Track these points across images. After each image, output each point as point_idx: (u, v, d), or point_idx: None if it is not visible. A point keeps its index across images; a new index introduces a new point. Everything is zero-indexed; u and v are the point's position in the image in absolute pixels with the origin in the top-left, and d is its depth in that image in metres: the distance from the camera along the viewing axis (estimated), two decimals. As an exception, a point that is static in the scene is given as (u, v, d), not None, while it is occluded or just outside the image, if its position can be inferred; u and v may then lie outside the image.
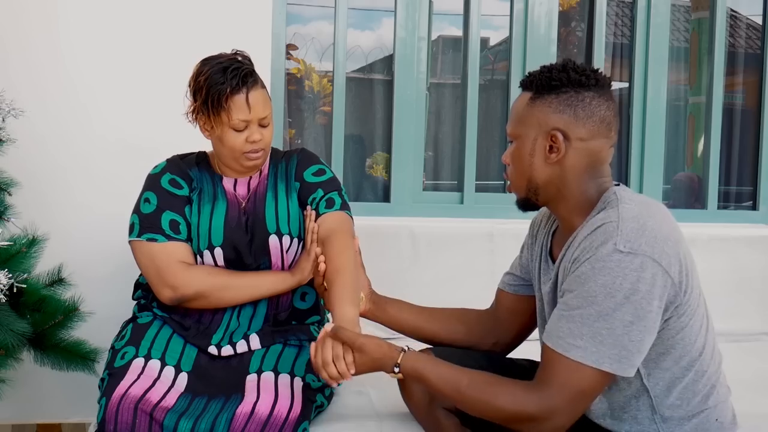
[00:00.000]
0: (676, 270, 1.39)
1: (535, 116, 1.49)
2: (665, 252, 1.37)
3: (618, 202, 1.43)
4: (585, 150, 1.48)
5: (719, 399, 1.52)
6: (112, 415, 1.60)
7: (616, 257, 1.35)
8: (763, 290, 2.78)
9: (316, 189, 1.90)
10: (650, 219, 1.40)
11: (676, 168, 3.35)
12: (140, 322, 1.88)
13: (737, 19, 3.33)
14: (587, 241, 1.41)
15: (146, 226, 1.82)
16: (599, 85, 1.49)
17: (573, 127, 1.47)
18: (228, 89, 1.75)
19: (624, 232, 1.36)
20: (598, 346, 1.36)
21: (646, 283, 1.35)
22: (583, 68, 1.50)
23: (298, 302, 1.95)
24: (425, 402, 1.69)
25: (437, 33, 3.13)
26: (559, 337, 1.40)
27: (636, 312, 1.35)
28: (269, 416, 1.63)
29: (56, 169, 2.47)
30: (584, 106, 1.47)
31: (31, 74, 2.44)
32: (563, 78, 1.47)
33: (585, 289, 1.37)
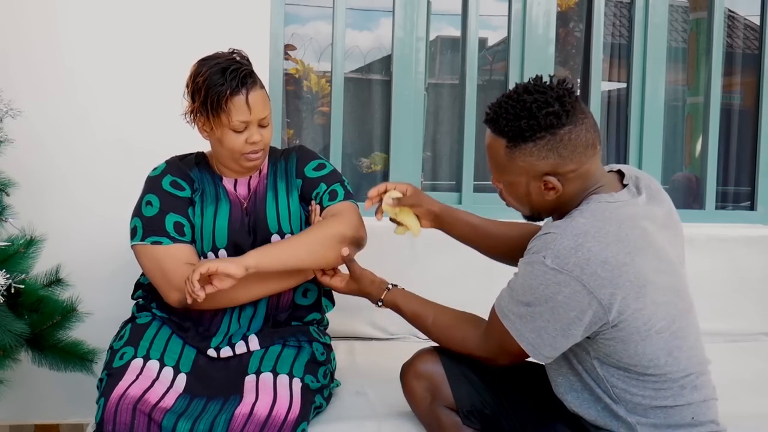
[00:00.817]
0: (607, 293, 1.39)
1: (518, 165, 1.47)
2: (596, 274, 1.38)
3: (578, 214, 1.45)
4: (579, 175, 1.48)
5: (694, 399, 1.50)
6: (110, 415, 1.60)
7: (541, 268, 1.42)
8: (761, 290, 2.78)
9: (318, 183, 1.90)
10: (592, 240, 1.39)
11: (674, 168, 3.35)
12: (139, 322, 1.87)
13: (735, 20, 3.34)
14: (534, 241, 1.48)
15: (150, 229, 1.81)
16: (570, 113, 1.43)
17: (562, 166, 1.45)
18: (228, 91, 1.73)
19: (556, 248, 1.40)
20: (523, 324, 1.48)
21: (565, 296, 1.41)
22: (547, 102, 1.42)
23: (300, 299, 1.95)
24: (427, 401, 1.71)
25: (435, 33, 3.13)
26: (501, 303, 1.53)
27: (552, 315, 1.44)
28: (268, 417, 1.63)
29: (54, 170, 2.47)
30: (565, 144, 1.43)
31: (31, 74, 2.44)
32: (534, 125, 1.42)
33: (518, 282, 1.49)
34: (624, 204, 1.48)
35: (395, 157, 2.87)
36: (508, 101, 1.46)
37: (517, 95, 1.45)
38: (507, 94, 1.48)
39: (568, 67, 3.24)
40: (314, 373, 1.81)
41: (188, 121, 1.85)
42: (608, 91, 3.22)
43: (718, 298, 2.68)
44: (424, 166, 2.99)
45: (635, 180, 1.56)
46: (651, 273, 1.43)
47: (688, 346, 1.50)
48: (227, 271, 1.62)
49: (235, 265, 1.64)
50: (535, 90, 1.44)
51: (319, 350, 1.89)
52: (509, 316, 1.50)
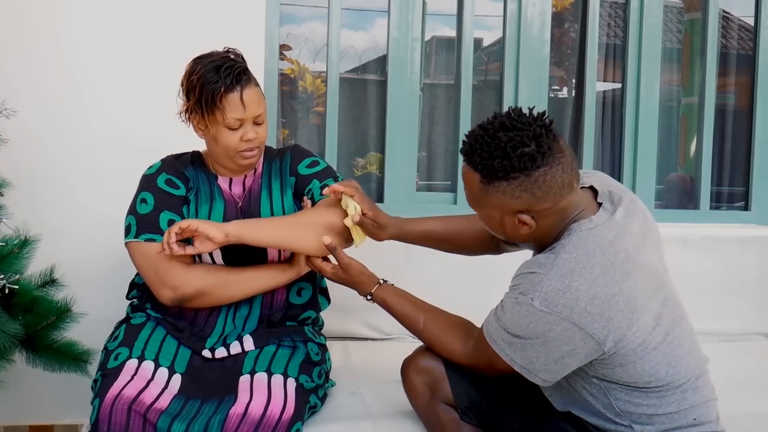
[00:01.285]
0: (600, 327, 1.39)
1: (492, 201, 1.44)
2: (586, 311, 1.38)
3: (561, 249, 1.43)
4: (554, 211, 1.45)
5: (696, 401, 1.51)
6: (105, 416, 1.60)
7: (530, 309, 1.41)
8: (755, 290, 2.79)
9: (311, 180, 1.90)
10: (579, 278, 1.38)
11: (668, 168, 3.36)
12: (134, 322, 1.87)
13: (729, 20, 3.34)
14: (519, 279, 1.46)
15: (144, 226, 1.80)
16: (546, 155, 1.38)
17: (536, 205, 1.42)
18: (222, 88, 1.73)
19: (543, 291, 1.39)
20: (513, 351, 1.48)
21: (556, 333, 1.41)
22: (523, 141, 1.37)
23: (294, 297, 1.95)
24: (426, 396, 1.71)
25: (431, 33, 3.13)
26: (489, 329, 1.52)
27: (544, 348, 1.44)
28: (262, 417, 1.63)
29: (49, 170, 2.46)
30: (539, 185, 1.39)
31: (28, 74, 2.44)
32: (507, 166, 1.38)
33: (506, 318, 1.47)
34: (603, 227, 1.45)
35: (390, 158, 2.87)
36: (484, 137, 1.41)
37: (493, 131, 1.40)
38: (484, 125, 1.43)
39: (563, 67, 3.24)
40: (309, 373, 1.81)
41: (183, 120, 1.84)
42: (603, 92, 3.22)
43: (712, 298, 2.69)
44: (419, 166, 2.99)
45: (608, 195, 1.53)
46: (640, 295, 1.42)
47: (686, 351, 1.50)
48: (207, 232, 1.64)
49: (215, 229, 1.65)
50: (512, 126, 1.39)
51: (314, 350, 1.89)
52: (498, 342, 1.50)
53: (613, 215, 1.48)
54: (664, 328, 1.46)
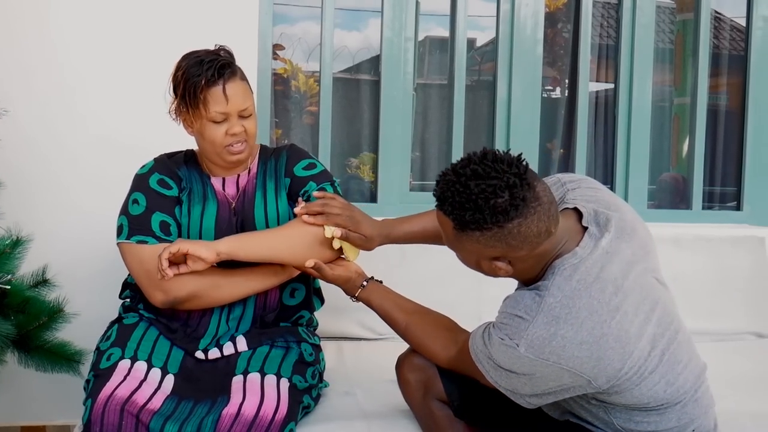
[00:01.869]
0: (589, 367, 1.37)
1: (467, 247, 1.40)
2: (575, 357, 1.36)
3: (545, 292, 1.39)
4: (531, 257, 1.40)
5: (696, 414, 1.50)
6: (97, 416, 1.59)
7: (515, 353, 1.39)
8: (747, 290, 2.80)
9: (307, 182, 1.88)
10: (565, 325, 1.36)
11: (661, 168, 3.37)
12: (126, 322, 1.86)
13: (721, 21, 3.36)
14: (504, 319, 1.43)
15: (135, 228, 1.79)
16: (519, 207, 1.32)
17: (511, 253, 1.38)
18: (203, 81, 1.72)
19: (530, 338, 1.37)
20: (498, 377, 1.46)
21: (543, 374, 1.39)
22: (495, 192, 1.31)
23: (287, 299, 1.94)
24: (420, 393, 1.71)
25: (424, 33, 3.13)
26: (475, 349, 1.49)
27: (531, 382, 1.42)
28: (255, 417, 1.63)
29: (41, 169, 2.46)
30: (514, 236, 1.34)
31: (20, 73, 2.43)
32: (479, 219, 1.32)
33: (492, 351, 1.44)
34: (588, 260, 1.41)
35: (383, 157, 2.87)
36: (456, 185, 1.34)
37: (465, 179, 1.33)
38: (456, 170, 1.36)
39: (556, 67, 3.25)
40: (302, 373, 1.81)
41: (174, 118, 1.84)
42: (596, 92, 3.23)
43: (704, 298, 2.70)
44: (413, 166, 3.00)
45: (594, 217, 1.47)
46: (632, 325, 1.40)
47: (683, 366, 1.48)
48: (198, 254, 1.63)
49: (206, 249, 1.65)
50: (485, 174, 1.32)
51: (308, 351, 1.88)
52: (483, 364, 1.48)
53: (599, 241, 1.43)
54: (660, 349, 1.44)
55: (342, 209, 1.76)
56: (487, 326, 1.49)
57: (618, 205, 1.53)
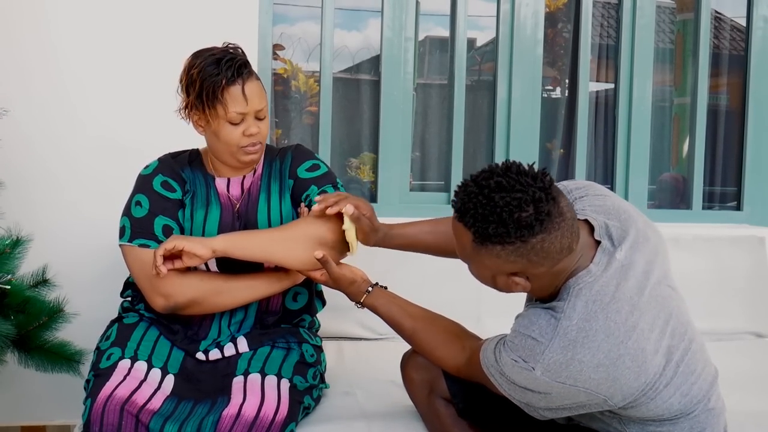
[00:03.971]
0: (605, 388, 1.36)
1: (484, 262, 1.36)
2: (591, 379, 1.34)
3: (561, 315, 1.36)
4: (550, 273, 1.37)
5: (709, 422, 1.49)
6: (97, 416, 1.59)
7: (531, 375, 1.37)
8: (747, 290, 2.80)
9: (309, 185, 1.85)
10: (582, 349, 1.34)
11: (661, 169, 3.37)
12: (126, 322, 1.86)
13: (722, 21, 3.36)
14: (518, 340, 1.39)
15: (138, 231, 1.78)
16: (544, 222, 1.29)
17: (531, 269, 1.35)
18: (224, 81, 1.69)
19: (545, 362, 1.35)
20: (512, 391, 1.44)
21: (558, 393, 1.38)
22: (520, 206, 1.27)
23: (290, 303, 1.93)
24: (425, 392, 1.72)
25: (424, 33, 3.13)
26: (487, 360, 1.47)
27: (546, 399, 1.41)
28: (255, 418, 1.62)
29: (42, 169, 2.46)
30: (537, 251, 1.31)
31: (19, 74, 2.43)
32: (503, 233, 1.29)
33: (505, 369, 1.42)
34: (603, 278, 1.38)
35: (384, 157, 2.87)
36: (478, 196, 1.30)
37: (489, 191, 1.30)
38: (478, 181, 1.32)
39: (556, 67, 3.25)
40: (303, 374, 1.81)
41: (183, 117, 1.80)
42: (596, 92, 3.23)
43: (704, 298, 2.70)
44: (413, 166, 3.00)
45: (606, 230, 1.44)
46: (648, 342, 1.38)
47: (697, 375, 1.46)
48: (193, 251, 1.62)
49: (201, 246, 1.63)
50: (510, 187, 1.29)
51: (309, 352, 1.88)
52: (495, 377, 1.45)
53: (613, 255, 1.40)
54: (675, 361, 1.42)
55: (356, 198, 1.72)
56: (498, 342, 1.45)
57: (629, 212, 1.50)
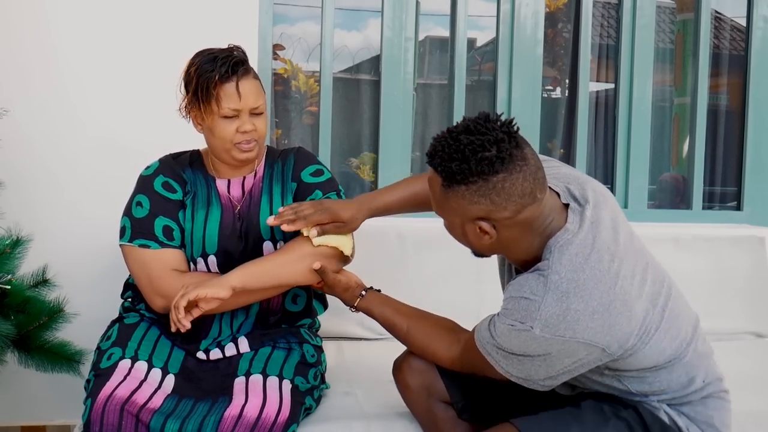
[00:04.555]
0: (602, 336, 1.39)
1: (451, 206, 1.41)
2: (589, 328, 1.37)
3: (548, 271, 1.40)
4: (516, 223, 1.40)
5: (700, 364, 1.55)
6: (97, 416, 1.59)
7: (530, 335, 1.39)
8: (747, 290, 2.80)
9: (314, 190, 1.86)
10: (575, 299, 1.37)
11: (661, 168, 3.37)
12: (127, 322, 1.86)
13: (722, 21, 3.36)
14: (511, 304, 1.43)
15: (138, 231, 1.79)
16: (505, 160, 1.34)
17: (495, 213, 1.38)
18: (217, 77, 1.72)
19: (543, 318, 1.38)
20: (510, 365, 1.47)
21: (558, 350, 1.40)
22: (483, 145, 1.34)
23: (290, 305, 1.94)
24: (423, 396, 1.71)
25: (424, 33, 3.14)
26: (482, 342, 1.50)
27: (545, 363, 1.43)
28: (257, 419, 1.62)
29: (42, 169, 2.46)
30: (498, 191, 1.35)
31: (19, 74, 2.43)
32: (465, 170, 1.34)
33: (503, 339, 1.44)
34: (580, 233, 1.43)
35: (384, 157, 2.87)
36: (446, 140, 1.38)
37: (456, 134, 1.37)
38: (450, 128, 1.40)
39: (556, 67, 3.25)
40: (304, 374, 1.81)
41: (183, 116, 1.82)
42: (596, 92, 3.23)
43: (704, 298, 2.69)
44: (413, 166, 3.00)
45: (569, 193, 1.50)
46: (633, 287, 1.43)
47: (682, 318, 1.52)
48: (216, 296, 1.64)
49: (222, 289, 1.65)
50: (475, 130, 1.36)
51: (310, 352, 1.88)
52: (492, 355, 1.48)
53: (583, 214, 1.45)
54: (660, 306, 1.47)
55: (313, 207, 1.75)
56: (492, 318, 1.49)
57: (582, 177, 1.57)
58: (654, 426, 1.51)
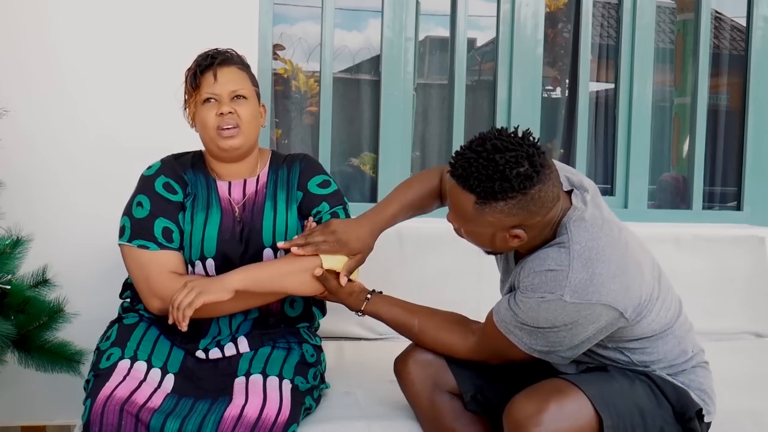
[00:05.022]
0: (621, 297, 1.48)
1: (486, 220, 1.46)
2: (612, 290, 1.47)
3: (569, 242, 1.49)
4: (543, 223, 1.50)
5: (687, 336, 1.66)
6: (97, 416, 1.59)
7: (560, 304, 1.48)
8: (747, 290, 2.80)
9: (320, 202, 1.87)
10: (598, 263, 1.47)
11: (661, 169, 3.37)
12: (126, 322, 1.86)
13: (722, 21, 3.36)
14: (537, 278, 1.51)
15: (138, 231, 1.79)
16: (540, 173, 1.43)
17: (529, 219, 1.46)
18: (196, 67, 1.80)
19: (572, 284, 1.46)
20: (533, 339, 1.55)
21: (584, 317, 1.49)
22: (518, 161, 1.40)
23: (288, 309, 1.94)
24: (428, 389, 1.73)
25: (424, 33, 3.14)
26: (503, 320, 1.57)
27: (570, 332, 1.51)
28: (258, 419, 1.62)
29: (41, 169, 2.46)
30: (534, 201, 1.44)
31: (20, 73, 2.43)
32: (507, 187, 1.41)
33: (529, 314, 1.52)
34: (587, 209, 1.54)
35: (384, 158, 2.87)
36: (479, 160, 1.42)
37: (486, 154, 1.42)
38: (474, 148, 1.44)
39: (556, 67, 3.25)
40: (304, 374, 1.81)
41: (188, 119, 1.87)
42: (596, 92, 3.23)
43: (704, 298, 2.70)
44: (413, 166, 2.99)
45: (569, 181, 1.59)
46: (638, 256, 1.56)
47: (671, 292, 1.64)
48: (219, 299, 1.65)
49: (223, 291, 1.66)
50: (505, 148, 1.42)
51: (309, 352, 1.88)
52: (515, 332, 1.56)
53: (585, 196, 1.56)
54: (657, 276, 1.60)
55: (324, 235, 1.74)
56: (510, 299, 1.56)
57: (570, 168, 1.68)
58: (666, 387, 1.59)
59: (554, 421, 1.46)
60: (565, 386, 1.52)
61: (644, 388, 1.57)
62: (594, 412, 1.48)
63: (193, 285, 1.66)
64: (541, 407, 1.47)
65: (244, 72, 1.84)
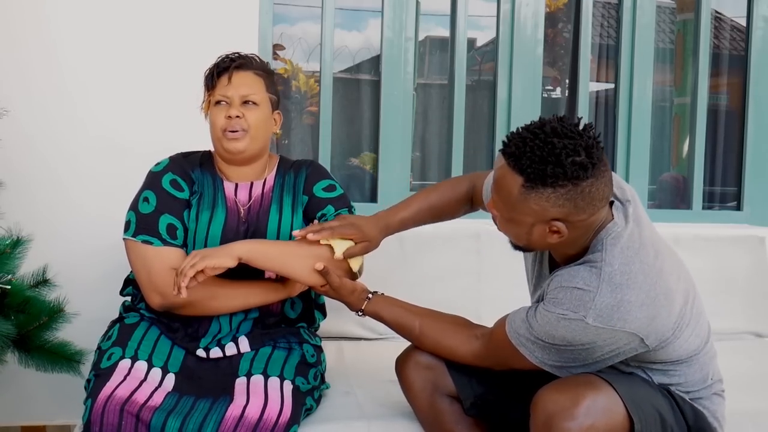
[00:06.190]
0: (644, 326, 1.43)
1: (530, 207, 1.39)
2: (638, 319, 1.42)
3: (602, 263, 1.43)
4: (587, 224, 1.44)
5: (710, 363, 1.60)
6: (97, 416, 1.59)
7: (581, 325, 1.42)
8: (747, 290, 2.80)
9: (326, 205, 1.88)
10: (628, 290, 1.41)
11: (661, 168, 3.37)
12: (127, 322, 1.87)
13: (722, 21, 3.36)
14: (562, 294, 1.45)
15: (142, 227, 1.80)
16: (595, 166, 1.37)
17: (574, 215, 1.40)
18: (216, 70, 1.84)
19: (597, 308, 1.41)
20: (546, 355, 1.50)
21: (603, 339, 1.44)
22: (576, 150, 1.35)
23: (288, 311, 1.95)
24: (428, 392, 1.72)
25: (424, 33, 3.14)
26: (517, 332, 1.52)
27: (587, 352, 1.47)
28: (259, 420, 1.62)
29: (41, 169, 2.46)
30: (584, 196, 1.37)
31: (20, 73, 2.43)
32: (559, 173, 1.35)
33: (546, 329, 1.47)
34: (627, 228, 1.48)
35: (384, 157, 2.87)
36: (535, 141, 1.37)
37: (545, 136, 1.37)
38: (532, 130, 1.39)
39: (556, 67, 3.25)
40: (305, 375, 1.81)
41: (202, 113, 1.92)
42: (596, 92, 3.23)
43: (704, 298, 2.66)
44: (413, 166, 3.00)
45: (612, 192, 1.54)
46: (672, 284, 1.48)
47: (703, 317, 1.59)
48: (220, 264, 1.65)
49: (226, 257, 1.66)
50: (564, 134, 1.37)
51: (310, 352, 1.88)
52: (527, 346, 1.52)
53: (626, 211, 1.50)
54: (690, 303, 1.53)
55: (339, 220, 1.76)
56: (529, 311, 1.51)
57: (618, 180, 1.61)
58: (684, 406, 1.55)
59: (589, 415, 1.41)
60: (598, 381, 1.46)
61: (665, 400, 1.53)
62: (625, 410, 1.44)
63: (198, 251, 1.67)
64: (576, 401, 1.42)
65: (261, 78, 1.85)
